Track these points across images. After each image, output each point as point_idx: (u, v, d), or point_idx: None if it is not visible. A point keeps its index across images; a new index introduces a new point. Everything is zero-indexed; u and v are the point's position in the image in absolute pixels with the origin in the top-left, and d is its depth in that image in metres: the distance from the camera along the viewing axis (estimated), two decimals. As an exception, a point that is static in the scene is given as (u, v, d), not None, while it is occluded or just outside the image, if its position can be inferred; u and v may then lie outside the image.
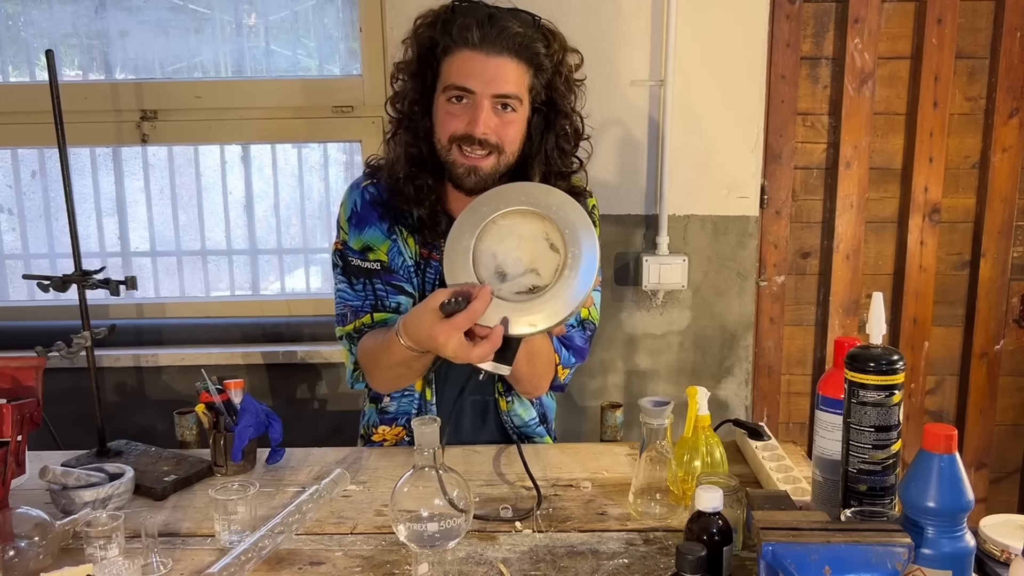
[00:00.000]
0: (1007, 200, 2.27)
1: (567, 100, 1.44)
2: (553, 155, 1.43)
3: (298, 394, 2.33)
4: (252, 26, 2.29)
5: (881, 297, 1.10)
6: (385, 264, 1.48)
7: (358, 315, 1.49)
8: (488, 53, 1.34)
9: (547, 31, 1.40)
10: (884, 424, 1.06)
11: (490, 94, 1.35)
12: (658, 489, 1.23)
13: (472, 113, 1.35)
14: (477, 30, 1.33)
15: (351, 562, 1.13)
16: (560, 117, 1.43)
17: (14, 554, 1.07)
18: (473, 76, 1.34)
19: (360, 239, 1.49)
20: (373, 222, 1.49)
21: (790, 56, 2.22)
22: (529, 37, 1.36)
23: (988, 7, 2.20)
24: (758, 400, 2.39)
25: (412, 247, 1.49)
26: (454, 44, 1.36)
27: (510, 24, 1.34)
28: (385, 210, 1.49)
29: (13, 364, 1.29)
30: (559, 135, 1.44)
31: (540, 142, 1.43)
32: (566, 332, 1.50)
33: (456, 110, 1.37)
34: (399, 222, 1.49)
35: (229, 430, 1.38)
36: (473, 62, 1.34)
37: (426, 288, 1.49)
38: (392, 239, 1.49)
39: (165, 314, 2.37)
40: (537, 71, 1.39)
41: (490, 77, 1.34)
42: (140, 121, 2.27)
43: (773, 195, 2.29)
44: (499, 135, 1.37)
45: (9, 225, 2.39)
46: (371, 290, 1.49)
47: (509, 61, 1.35)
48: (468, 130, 1.36)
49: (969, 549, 0.95)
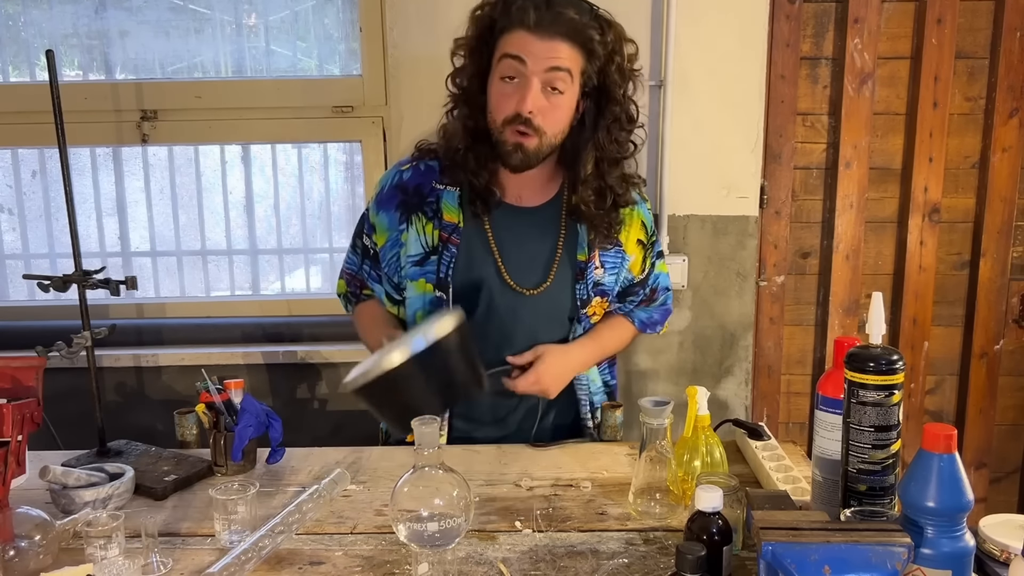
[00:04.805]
0: (1007, 200, 2.27)
1: (620, 87, 1.46)
2: (604, 142, 1.47)
3: (298, 394, 2.33)
4: (252, 26, 2.30)
5: (881, 297, 1.10)
6: (376, 252, 1.60)
7: (349, 284, 1.69)
8: (542, 36, 1.38)
9: (603, 20, 1.43)
10: (884, 424, 1.06)
11: (541, 70, 1.38)
12: (658, 489, 1.23)
13: (522, 91, 1.39)
14: (534, 12, 1.37)
15: (351, 562, 1.13)
16: (612, 104, 1.45)
17: (14, 554, 1.07)
18: (526, 52, 1.38)
19: (375, 216, 1.59)
20: (389, 207, 1.56)
21: (790, 56, 2.22)
22: (584, 23, 1.39)
23: (988, 7, 2.20)
24: (758, 400, 2.39)
25: (429, 232, 1.53)
26: (510, 24, 1.40)
27: (566, 10, 1.38)
28: (405, 197, 1.55)
29: (13, 364, 1.29)
30: (611, 122, 1.46)
31: (593, 129, 1.47)
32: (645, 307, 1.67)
33: (508, 90, 1.41)
34: (418, 210, 1.54)
35: (229, 430, 1.38)
36: (527, 41, 1.38)
37: (442, 270, 1.53)
38: (402, 228, 1.55)
39: (165, 314, 2.37)
40: (590, 56, 1.41)
41: (542, 56, 1.38)
42: (140, 121, 2.27)
43: (773, 195, 2.29)
44: (543, 118, 1.41)
45: (9, 225, 2.39)
46: (360, 266, 1.65)
47: (562, 44, 1.39)
48: (518, 108, 1.40)
49: (969, 549, 0.95)
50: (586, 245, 1.54)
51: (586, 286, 1.55)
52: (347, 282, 1.70)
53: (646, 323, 1.70)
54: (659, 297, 1.70)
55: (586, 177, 1.48)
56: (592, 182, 1.48)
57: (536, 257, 1.54)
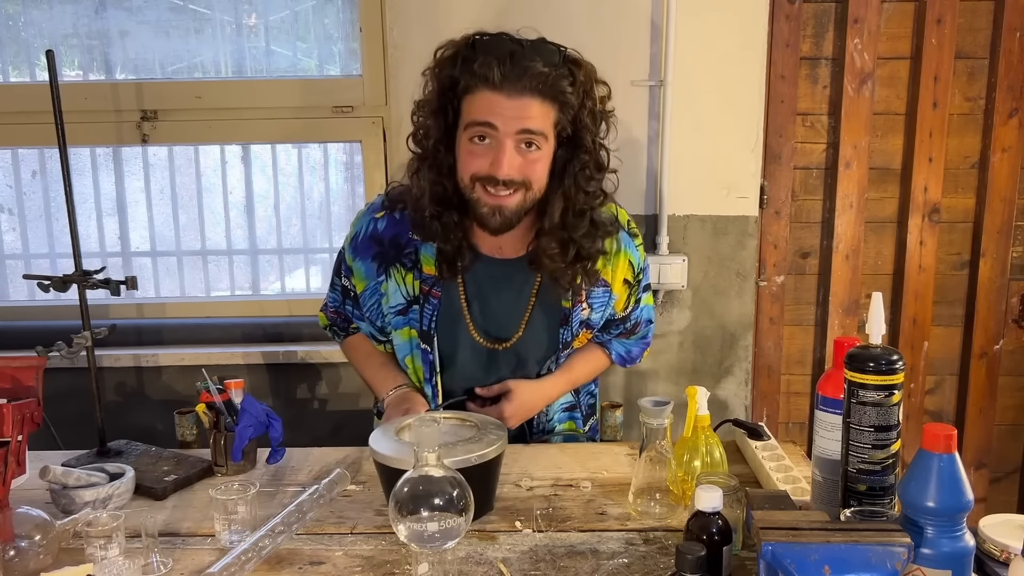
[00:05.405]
0: (1007, 200, 2.27)
1: (591, 134, 1.39)
2: (572, 191, 1.39)
3: (298, 394, 2.33)
4: (252, 26, 2.30)
5: (881, 297, 1.10)
6: (356, 295, 1.57)
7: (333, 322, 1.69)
8: (510, 94, 1.30)
9: (572, 65, 1.35)
10: (884, 424, 1.06)
11: (513, 131, 1.31)
12: (658, 489, 1.23)
13: (495, 153, 1.32)
14: (498, 70, 1.28)
15: (351, 562, 1.13)
16: (581, 152, 1.38)
17: (14, 554, 1.07)
18: (495, 115, 1.31)
19: (352, 262, 1.55)
20: (366, 257, 1.51)
21: (790, 56, 2.22)
22: (553, 76, 1.30)
23: (988, 7, 2.20)
24: (758, 400, 2.39)
25: (410, 283, 1.49)
26: (475, 83, 1.31)
27: (533, 63, 1.29)
28: (381, 249, 1.50)
29: (13, 364, 1.29)
30: (579, 171, 1.39)
31: (560, 177, 1.39)
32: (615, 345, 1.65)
33: (479, 150, 1.34)
34: (396, 261, 1.49)
35: (229, 430, 1.39)
36: (494, 102, 1.30)
37: (424, 322, 1.50)
38: (380, 280, 1.51)
39: (165, 314, 2.37)
40: (562, 107, 1.34)
41: (512, 116, 1.31)
42: (140, 121, 2.27)
43: (773, 195, 2.29)
44: (524, 173, 1.34)
45: (9, 225, 2.39)
46: (343, 304, 1.63)
47: (532, 100, 1.31)
48: (491, 171, 1.33)
49: (969, 549, 0.95)
50: (570, 295, 1.49)
51: (570, 329, 1.52)
52: (330, 318, 1.68)
53: (624, 357, 1.68)
54: (640, 330, 1.66)
55: (551, 227, 1.40)
56: (556, 233, 1.40)
57: (510, 309, 1.51)
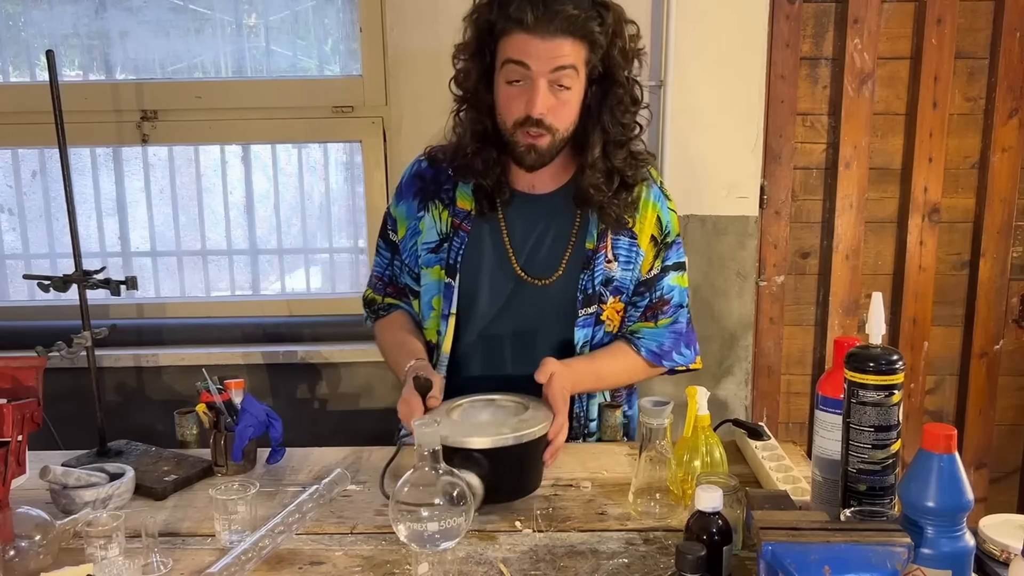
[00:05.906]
0: (1007, 200, 2.28)
1: (623, 70, 1.46)
2: (610, 125, 1.47)
3: (298, 394, 2.33)
4: (252, 26, 2.30)
5: (881, 297, 1.10)
6: (398, 244, 1.62)
7: (376, 289, 1.67)
8: (543, 35, 1.37)
9: (601, 7, 1.42)
10: (884, 424, 1.06)
11: (546, 71, 1.38)
12: (658, 489, 1.23)
13: (529, 93, 1.39)
14: (531, 12, 1.35)
15: (351, 562, 1.13)
16: (616, 87, 1.45)
17: (14, 554, 1.07)
18: (529, 56, 1.38)
19: (396, 209, 1.61)
20: (408, 197, 1.59)
21: (790, 56, 2.22)
22: (582, 17, 1.38)
23: (988, 7, 2.20)
24: (758, 400, 2.39)
25: (445, 220, 1.56)
26: (509, 26, 1.39)
27: (564, 7, 1.36)
28: (423, 184, 1.58)
29: (13, 364, 1.29)
30: (615, 105, 1.46)
31: (599, 113, 1.46)
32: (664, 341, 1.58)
33: (515, 93, 1.41)
34: (435, 197, 1.57)
35: (229, 430, 1.38)
36: (528, 43, 1.37)
37: (452, 255, 1.54)
38: (420, 216, 1.57)
39: (165, 314, 2.37)
40: (592, 47, 1.41)
41: (545, 57, 1.37)
42: (140, 121, 2.27)
43: (773, 195, 2.29)
44: (554, 116, 1.41)
45: (9, 225, 2.39)
46: (390, 262, 1.64)
47: (564, 40, 1.37)
48: (527, 111, 1.40)
49: (969, 549, 0.95)
50: (596, 234, 1.52)
51: (591, 278, 1.52)
52: (373, 287, 1.68)
53: (657, 353, 1.55)
54: (670, 312, 1.57)
55: (594, 161, 1.48)
56: (600, 165, 1.48)
57: (549, 246, 1.54)
